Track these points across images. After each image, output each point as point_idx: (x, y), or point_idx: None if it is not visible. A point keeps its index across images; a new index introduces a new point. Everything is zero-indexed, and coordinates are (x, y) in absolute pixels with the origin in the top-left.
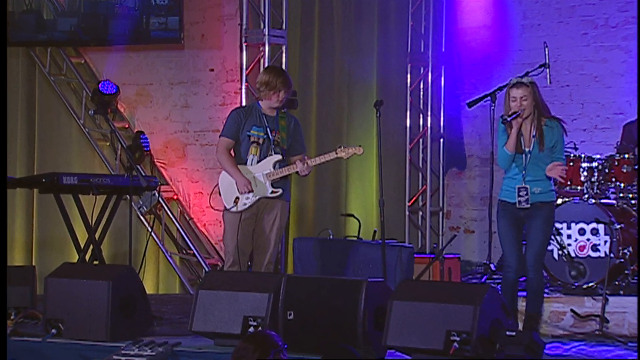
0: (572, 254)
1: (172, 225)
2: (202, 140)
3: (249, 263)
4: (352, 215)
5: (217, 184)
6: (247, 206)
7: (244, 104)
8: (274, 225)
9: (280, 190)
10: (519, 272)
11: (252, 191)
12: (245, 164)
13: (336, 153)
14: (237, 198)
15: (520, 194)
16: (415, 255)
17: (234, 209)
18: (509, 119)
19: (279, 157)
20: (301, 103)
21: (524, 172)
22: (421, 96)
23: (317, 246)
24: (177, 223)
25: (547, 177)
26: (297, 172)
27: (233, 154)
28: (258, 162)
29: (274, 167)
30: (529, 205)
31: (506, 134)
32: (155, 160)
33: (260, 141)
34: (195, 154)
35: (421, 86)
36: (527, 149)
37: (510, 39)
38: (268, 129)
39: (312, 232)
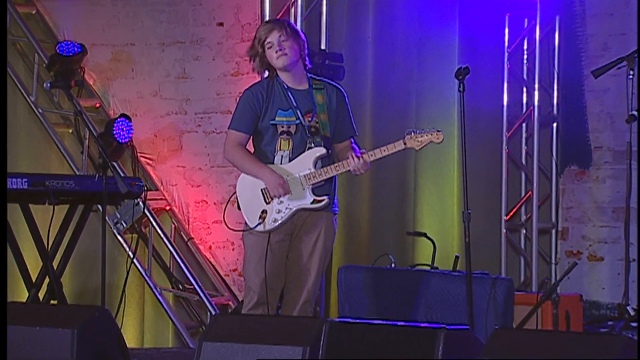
0: None
1: (163, 249)
2: (207, 125)
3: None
4: (424, 235)
5: (235, 193)
6: (279, 223)
7: (266, 73)
8: (316, 250)
9: (325, 199)
10: None
11: (289, 193)
12: (273, 162)
13: (404, 143)
14: (265, 212)
15: None
16: (515, 293)
17: (260, 228)
18: None
19: (322, 150)
20: (350, 72)
21: None
22: (525, 61)
23: (373, 278)
24: (170, 245)
25: None
26: (348, 171)
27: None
28: (291, 159)
29: (316, 166)
30: None
31: None
32: (139, 154)
33: (292, 130)
34: (197, 146)
35: (525, 47)
36: None
37: None
38: (299, 112)
39: (365, 258)
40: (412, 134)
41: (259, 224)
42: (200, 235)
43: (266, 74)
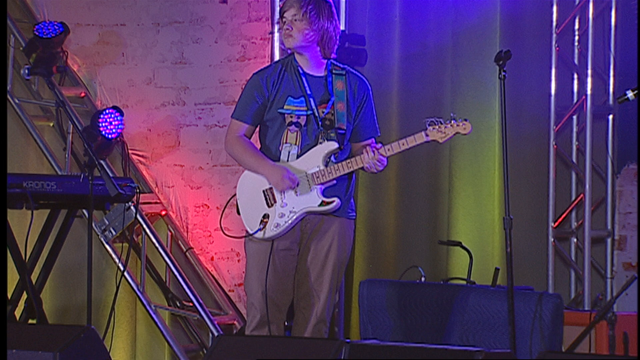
0: None
1: (158, 260)
2: (208, 118)
3: (286, 323)
4: (459, 244)
5: (235, 193)
6: (282, 229)
7: (276, 58)
8: (328, 260)
9: (335, 200)
10: None
11: (297, 185)
12: (279, 159)
13: (426, 134)
14: (266, 216)
15: None
16: (565, 311)
17: (259, 235)
18: None
19: (334, 145)
20: (373, 57)
21: None
22: (576, 43)
23: (400, 294)
24: (166, 256)
25: None
26: (362, 169)
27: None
28: (299, 156)
29: (327, 163)
30: None
31: None
32: (131, 151)
33: (302, 121)
34: (197, 142)
35: (576, 26)
36: None
37: None
38: (311, 100)
39: (391, 270)
40: (435, 124)
41: (259, 229)
42: (200, 245)
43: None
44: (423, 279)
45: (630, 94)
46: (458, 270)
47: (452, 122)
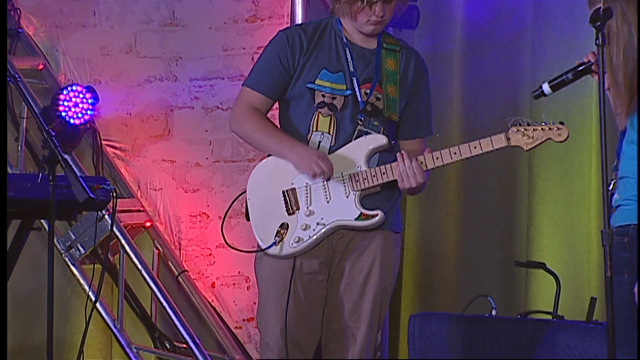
0: None
1: (141, 288)
2: (207, 98)
3: None
4: (542, 266)
5: (244, 192)
6: (304, 245)
7: (298, 20)
8: (368, 287)
9: (378, 214)
10: None
11: (328, 170)
12: None
13: (507, 138)
14: (284, 226)
15: None
16: None
17: (274, 250)
18: None
19: (382, 140)
20: (429, 16)
21: None
22: None
23: (464, 332)
24: (151, 282)
25: None
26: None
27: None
28: (333, 149)
29: (368, 162)
30: None
31: None
32: (106, 143)
33: (338, 103)
34: (193, 130)
35: None
36: None
37: None
38: (354, 80)
39: (450, 301)
40: (520, 125)
41: (274, 243)
42: (198, 267)
43: (298, 18)
44: (494, 312)
45: (546, 87)
46: (541, 301)
47: (543, 124)
